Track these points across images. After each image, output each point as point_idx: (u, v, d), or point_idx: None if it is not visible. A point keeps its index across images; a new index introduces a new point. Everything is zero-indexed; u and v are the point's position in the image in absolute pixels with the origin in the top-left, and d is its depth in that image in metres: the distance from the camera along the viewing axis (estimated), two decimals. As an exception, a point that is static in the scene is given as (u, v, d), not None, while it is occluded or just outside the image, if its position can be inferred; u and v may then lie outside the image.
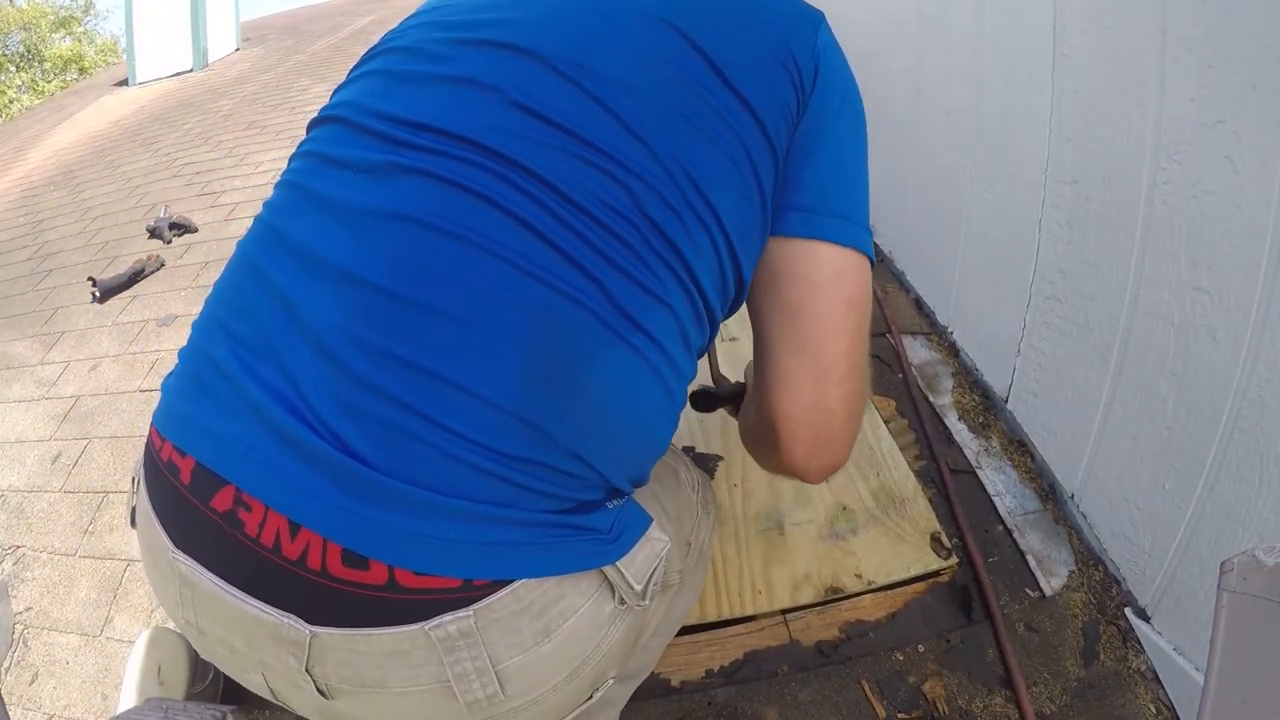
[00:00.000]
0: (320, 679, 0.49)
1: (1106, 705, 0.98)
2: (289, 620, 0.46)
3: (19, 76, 15.59)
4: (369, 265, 0.48)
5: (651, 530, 0.56)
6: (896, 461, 1.31)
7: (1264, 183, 0.77)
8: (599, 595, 0.52)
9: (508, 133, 0.50)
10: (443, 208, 0.48)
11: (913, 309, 1.81)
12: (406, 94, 0.54)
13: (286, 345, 0.48)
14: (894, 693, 1.00)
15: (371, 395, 0.46)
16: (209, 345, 0.51)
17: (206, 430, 0.49)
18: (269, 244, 0.53)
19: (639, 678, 0.82)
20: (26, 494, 1.55)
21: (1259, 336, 0.80)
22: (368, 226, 0.49)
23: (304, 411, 0.46)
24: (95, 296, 2.25)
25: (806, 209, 0.57)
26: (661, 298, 0.51)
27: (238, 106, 4.52)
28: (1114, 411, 1.09)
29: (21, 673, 1.16)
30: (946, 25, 1.55)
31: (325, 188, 0.52)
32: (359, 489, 0.45)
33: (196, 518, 0.49)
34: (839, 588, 1.10)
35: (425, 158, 0.50)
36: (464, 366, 0.46)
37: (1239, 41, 0.78)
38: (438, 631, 0.46)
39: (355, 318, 0.47)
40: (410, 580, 0.45)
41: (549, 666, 0.51)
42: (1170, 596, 0.99)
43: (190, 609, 0.51)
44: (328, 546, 0.45)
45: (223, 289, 0.54)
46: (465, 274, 0.47)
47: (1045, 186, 1.22)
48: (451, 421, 0.46)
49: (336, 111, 0.57)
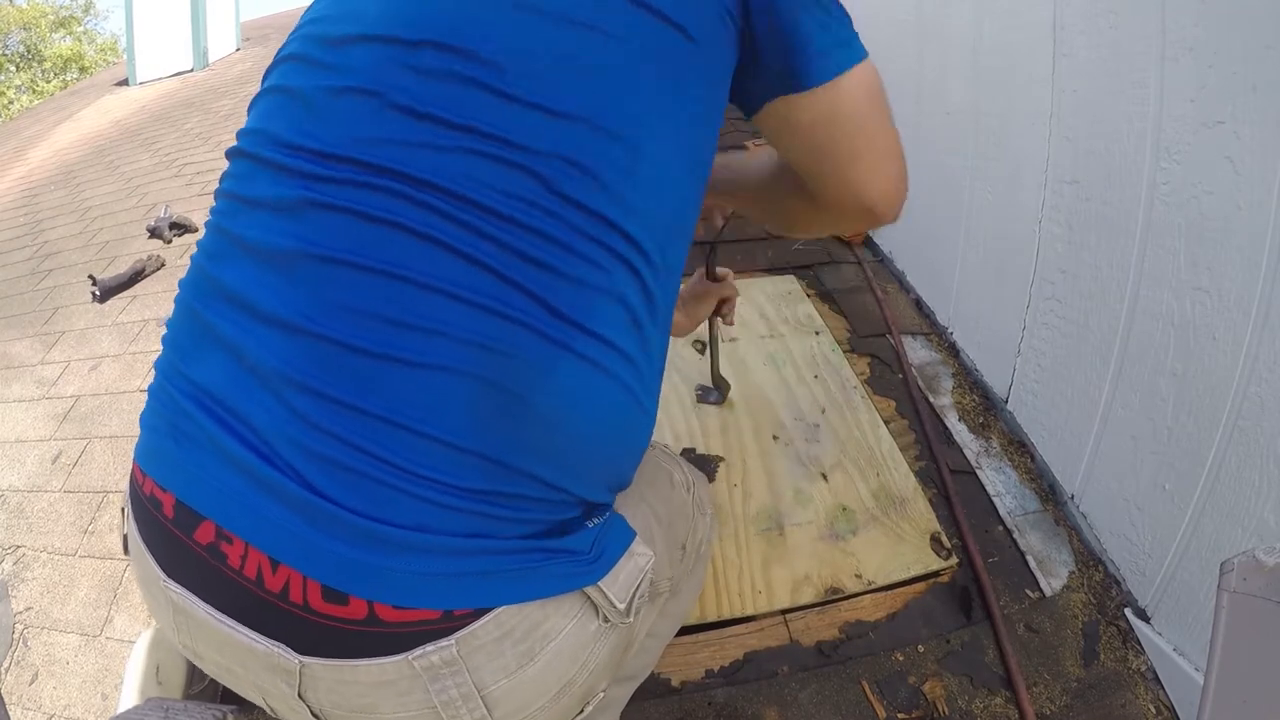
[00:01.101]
0: (314, 705, 0.49)
1: (1106, 705, 0.98)
2: (279, 649, 0.47)
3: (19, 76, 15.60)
4: (306, 314, 0.47)
5: (635, 546, 0.55)
6: (896, 462, 1.31)
7: (1264, 183, 0.77)
8: (582, 615, 0.52)
9: (397, 143, 0.48)
10: (362, 244, 0.47)
11: (913, 309, 1.81)
12: (300, 115, 0.52)
13: (243, 393, 0.48)
14: (894, 693, 1.00)
15: (329, 441, 0.46)
16: (173, 389, 0.52)
17: (181, 468, 0.49)
18: (207, 292, 0.52)
19: (639, 678, 0.82)
20: (26, 494, 1.55)
21: (1259, 336, 0.80)
22: (295, 270, 0.48)
23: (269, 454, 0.47)
24: (95, 296, 2.25)
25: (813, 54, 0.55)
26: (602, 287, 0.49)
27: (238, 106, 4.52)
28: (1114, 411, 1.09)
29: (21, 673, 1.16)
30: (946, 25, 1.55)
31: (247, 231, 0.51)
32: (331, 527, 0.45)
33: (183, 549, 0.49)
34: (839, 588, 1.10)
35: (331, 189, 0.49)
36: (412, 409, 0.46)
37: (1239, 41, 0.78)
38: (421, 661, 0.46)
39: (303, 368, 0.47)
40: (390, 615, 0.46)
41: (535, 688, 0.51)
42: (1170, 597, 0.99)
43: (185, 634, 0.52)
44: (307, 583, 0.46)
45: (174, 335, 0.54)
46: (397, 311, 0.47)
47: (1045, 186, 1.22)
48: (408, 463, 0.46)
49: (245, 144, 0.56)
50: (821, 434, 1.37)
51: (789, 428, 1.38)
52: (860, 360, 1.59)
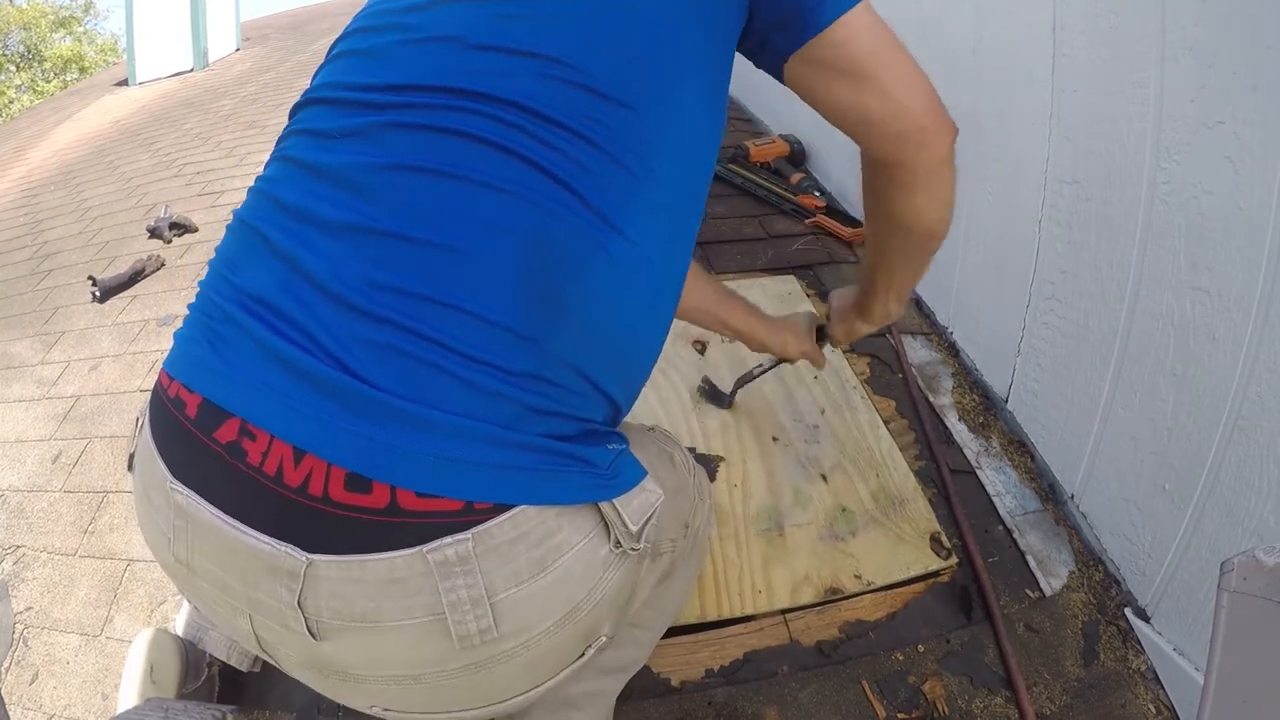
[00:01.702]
0: (311, 614, 0.48)
1: (1106, 705, 0.98)
2: (285, 549, 0.47)
3: (19, 76, 15.60)
4: (362, 212, 0.50)
5: (646, 482, 0.57)
6: (896, 462, 1.31)
7: (1264, 183, 0.77)
8: (595, 535, 0.53)
9: (474, 71, 0.53)
10: (423, 150, 0.52)
11: (913, 309, 1.81)
12: (375, 64, 0.57)
13: (290, 293, 0.50)
14: (894, 693, 1.00)
15: (376, 325, 0.48)
16: (216, 297, 0.53)
17: (213, 369, 0.50)
18: (265, 209, 0.55)
19: (628, 671, 0.82)
20: (26, 494, 1.55)
21: (1259, 336, 0.80)
22: (358, 180, 0.52)
23: (311, 347, 0.48)
24: (95, 296, 2.25)
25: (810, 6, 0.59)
26: (637, 193, 0.54)
27: (238, 106, 4.52)
28: (1114, 411, 1.09)
29: (21, 673, 1.16)
30: (946, 26, 1.55)
31: (314, 156, 0.55)
32: (366, 410, 0.46)
33: (199, 449, 0.49)
34: (839, 588, 1.10)
35: (402, 112, 0.53)
36: (462, 290, 0.49)
37: (1239, 41, 0.79)
38: (435, 555, 0.46)
39: (354, 260, 0.49)
40: (412, 502, 0.46)
41: (543, 605, 0.51)
42: (1170, 597, 0.99)
43: (183, 543, 0.51)
44: (331, 472, 0.46)
45: (225, 252, 0.57)
46: (455, 206, 0.50)
47: (1045, 186, 1.22)
48: (456, 342, 0.48)
49: (315, 94, 0.60)
50: (821, 434, 1.37)
51: (789, 428, 1.38)
52: (860, 360, 1.59)
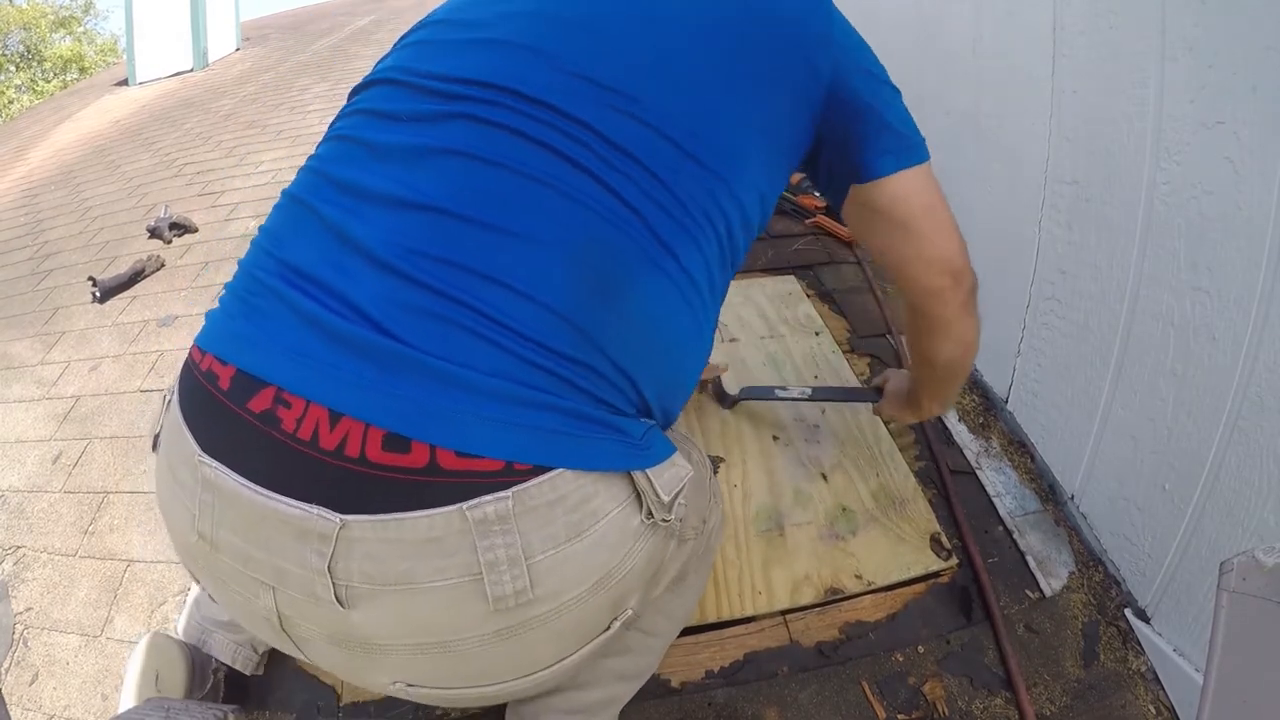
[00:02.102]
0: (342, 579, 0.48)
1: (1106, 706, 0.98)
2: (317, 512, 0.46)
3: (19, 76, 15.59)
4: (420, 190, 0.51)
5: (675, 457, 0.58)
6: (896, 462, 1.31)
7: (1264, 183, 0.77)
8: (628, 504, 0.54)
9: (549, 86, 0.54)
10: (493, 144, 0.52)
11: (913, 309, 1.80)
12: (449, 55, 0.58)
13: (337, 264, 0.50)
14: (894, 693, 1.00)
15: (423, 292, 0.48)
16: (257, 271, 0.53)
17: (249, 339, 0.50)
18: (317, 184, 0.55)
19: (640, 679, 0.82)
20: (26, 494, 1.55)
21: (1259, 336, 0.80)
22: (419, 160, 0.52)
23: (350, 314, 0.48)
24: (95, 296, 2.25)
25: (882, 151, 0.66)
26: (694, 235, 0.56)
27: (238, 106, 4.52)
28: (1114, 412, 1.09)
29: (21, 673, 1.16)
30: (946, 25, 1.55)
31: (376, 135, 0.55)
32: (405, 370, 0.46)
33: (231, 421, 0.49)
34: (839, 588, 1.10)
35: (473, 106, 0.53)
36: (516, 272, 0.49)
37: (1239, 41, 0.78)
38: (475, 513, 0.46)
39: (408, 234, 0.50)
40: (452, 462, 0.46)
41: (577, 569, 0.51)
42: (1170, 597, 0.99)
43: (208, 518, 0.50)
44: (369, 432, 0.46)
45: (271, 226, 0.57)
46: (516, 197, 0.51)
47: (1045, 186, 1.22)
48: (503, 316, 0.48)
49: (384, 75, 0.60)
50: (821, 434, 1.37)
51: (789, 428, 1.38)
52: (860, 360, 1.59)
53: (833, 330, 1.66)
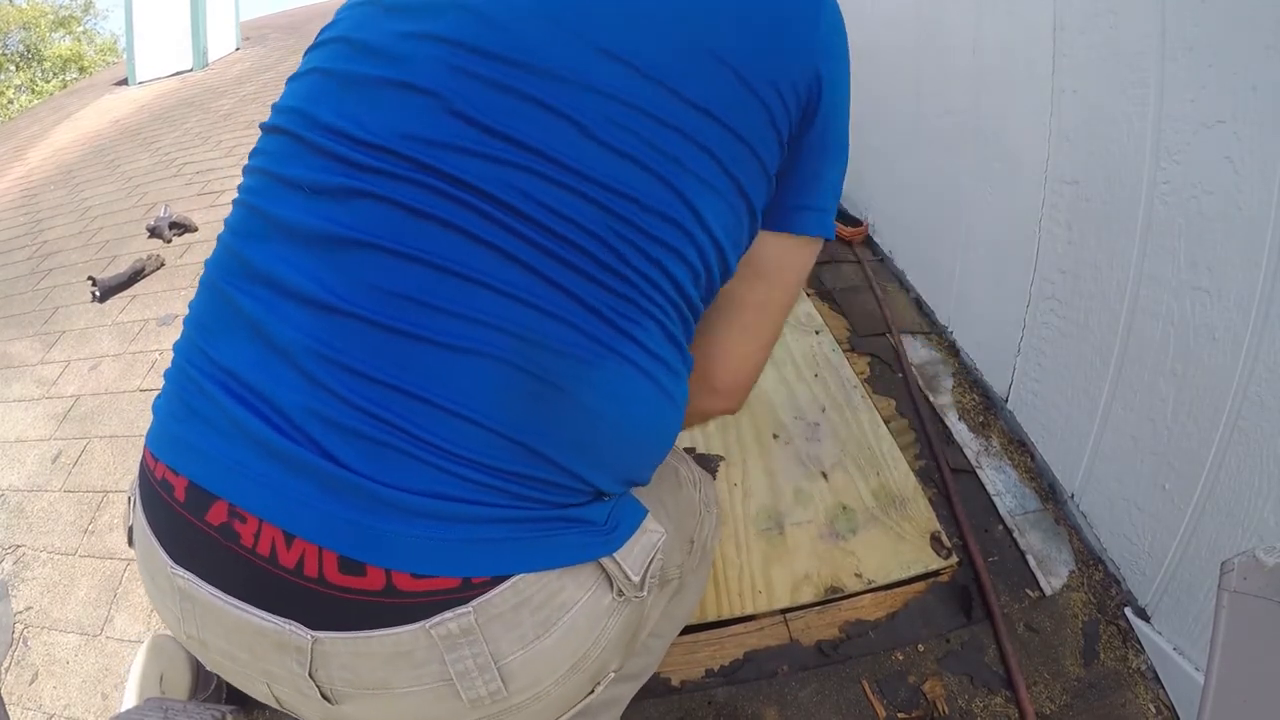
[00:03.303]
0: (325, 684, 0.49)
1: (1106, 705, 0.98)
2: (290, 627, 0.47)
3: (19, 76, 15.58)
4: (336, 294, 0.47)
5: (647, 522, 0.56)
6: (896, 461, 1.31)
7: (1264, 183, 0.77)
8: (597, 587, 0.52)
9: (453, 148, 0.47)
10: (405, 234, 0.47)
11: (913, 309, 1.81)
12: (350, 103, 0.51)
13: (266, 370, 0.48)
14: (894, 692, 1.00)
15: (355, 414, 0.46)
16: (192, 368, 0.52)
17: (196, 449, 0.49)
18: (235, 271, 0.52)
19: (641, 678, 0.82)
20: (26, 494, 1.55)
21: (1259, 336, 0.80)
22: (332, 253, 0.48)
23: (288, 429, 0.46)
24: (95, 296, 2.25)
25: (812, 209, 0.60)
26: (646, 308, 0.50)
27: (238, 106, 4.52)
28: (1114, 411, 1.09)
29: (21, 673, 1.16)
30: (946, 25, 1.55)
31: (281, 210, 0.51)
32: (349, 495, 0.45)
33: (193, 533, 0.49)
34: (839, 587, 1.10)
35: (377, 180, 0.48)
36: (449, 390, 0.46)
37: (1239, 41, 0.78)
38: (439, 630, 0.46)
39: (330, 343, 0.47)
40: (408, 584, 0.45)
41: (550, 661, 0.51)
42: (1170, 596, 0.99)
43: (191, 623, 0.51)
44: (323, 554, 0.45)
45: (198, 314, 0.54)
46: (439, 298, 0.46)
47: (1045, 186, 1.22)
48: (433, 437, 0.46)
49: (283, 121, 0.54)
50: (821, 433, 1.37)
51: (789, 427, 1.38)
52: (860, 359, 1.59)
53: (833, 329, 1.66)
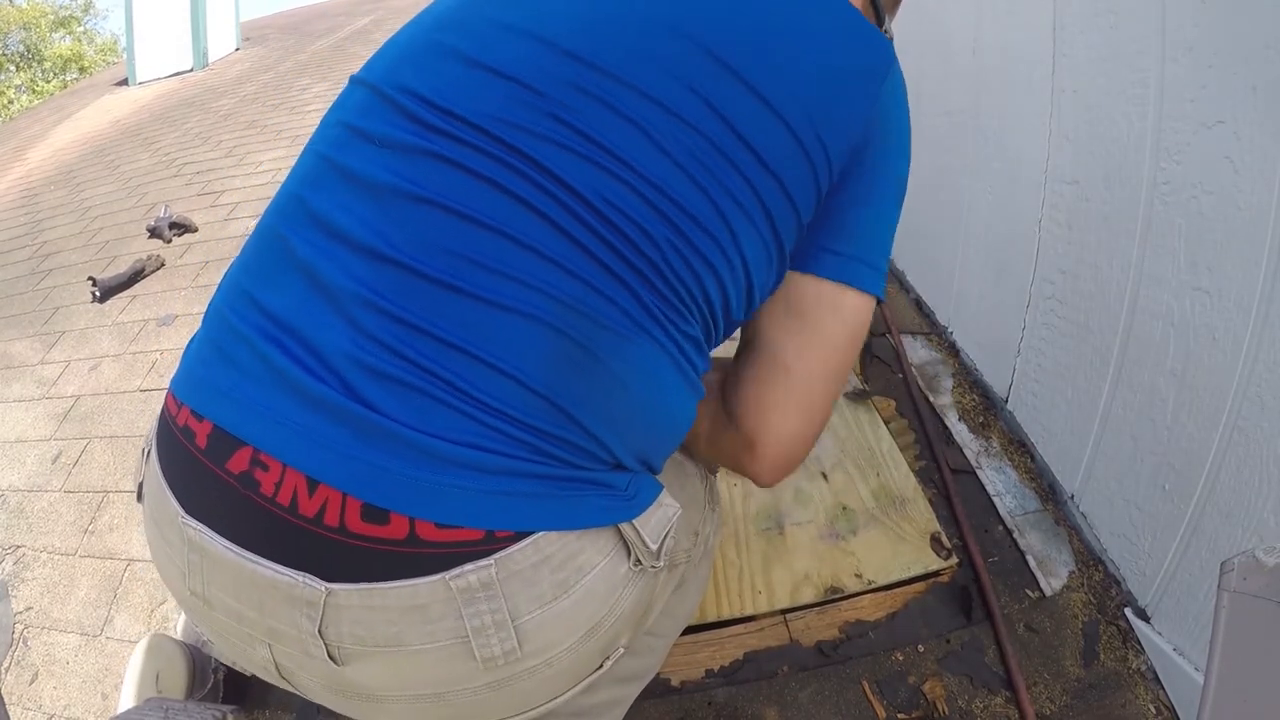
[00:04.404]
0: (333, 641, 0.48)
1: (1106, 705, 0.98)
2: (303, 579, 0.46)
3: (19, 76, 15.59)
4: (391, 242, 0.49)
5: (663, 496, 0.56)
6: (896, 461, 1.31)
7: (1264, 183, 0.77)
8: (615, 554, 0.53)
9: (537, 136, 0.50)
10: (467, 196, 0.49)
11: (913, 309, 1.81)
12: (439, 73, 0.54)
13: (310, 315, 0.48)
14: (894, 693, 1.00)
15: (399, 362, 0.46)
16: (231, 313, 0.52)
17: (226, 394, 0.49)
18: (294, 215, 0.53)
19: (644, 679, 0.82)
20: (26, 494, 1.55)
21: (1259, 336, 0.80)
22: (393, 205, 0.50)
23: (325, 374, 0.47)
24: (95, 296, 2.25)
25: (843, 254, 0.59)
26: (679, 308, 0.53)
27: (238, 106, 4.53)
28: (1114, 411, 1.09)
29: (21, 673, 1.16)
30: (946, 26, 1.55)
31: (348, 160, 0.53)
32: (380, 441, 0.45)
33: (210, 481, 0.48)
34: (839, 588, 1.10)
35: (447, 144, 0.50)
36: (492, 345, 0.47)
37: (1239, 41, 0.78)
38: (458, 581, 0.46)
39: (383, 294, 0.48)
40: (432, 533, 0.45)
41: (566, 624, 0.51)
42: (1170, 596, 0.99)
43: (198, 578, 0.50)
44: (346, 502, 0.45)
45: (248, 256, 0.55)
46: (494, 260, 0.48)
47: (1045, 186, 1.22)
48: (478, 391, 0.47)
49: (376, 78, 0.57)
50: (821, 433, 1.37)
51: (789, 428, 1.38)
52: (860, 360, 1.60)
53: (833, 330, 1.66)
